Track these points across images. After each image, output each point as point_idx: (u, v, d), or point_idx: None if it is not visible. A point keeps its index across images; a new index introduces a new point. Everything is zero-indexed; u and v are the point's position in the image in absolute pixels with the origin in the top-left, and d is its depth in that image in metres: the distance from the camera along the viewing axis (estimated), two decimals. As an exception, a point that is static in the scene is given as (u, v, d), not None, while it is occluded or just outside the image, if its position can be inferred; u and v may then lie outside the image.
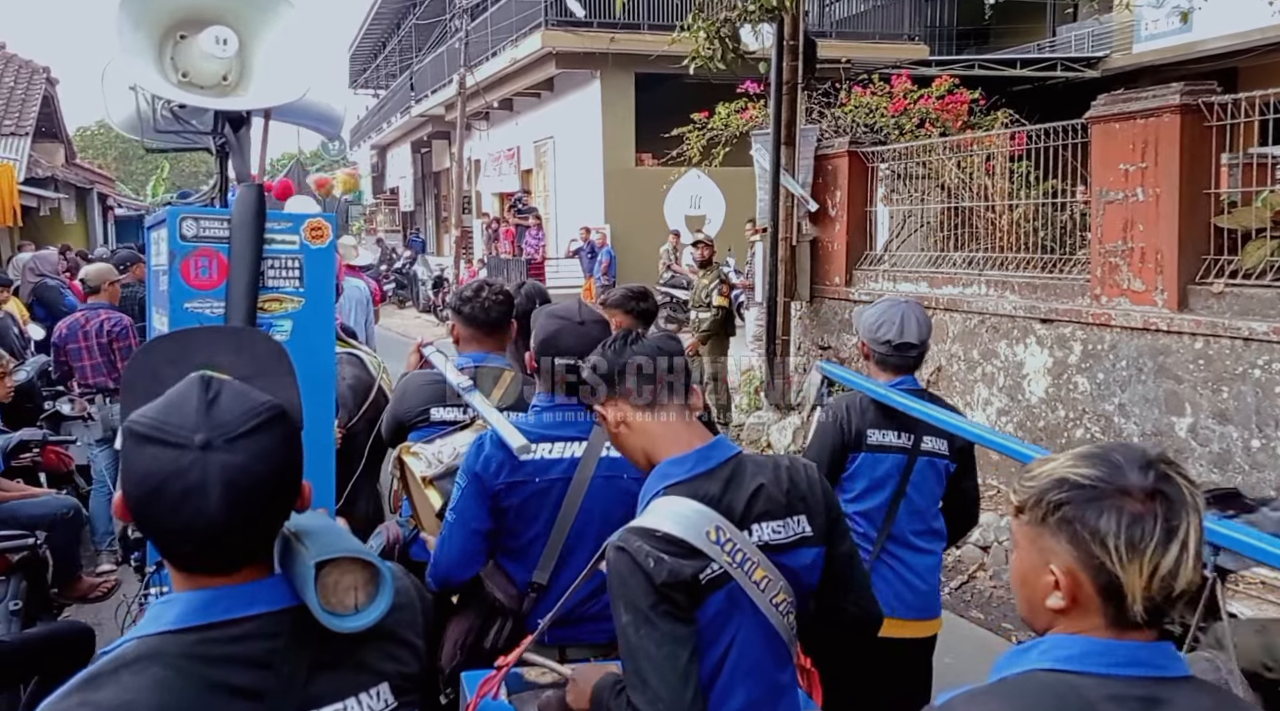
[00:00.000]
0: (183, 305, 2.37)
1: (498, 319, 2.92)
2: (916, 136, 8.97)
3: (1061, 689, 1.11)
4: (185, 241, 2.37)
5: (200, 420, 1.16)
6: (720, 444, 1.82)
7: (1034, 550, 1.19)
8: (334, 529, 1.34)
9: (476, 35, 21.08)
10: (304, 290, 2.49)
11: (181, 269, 2.37)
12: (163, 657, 1.16)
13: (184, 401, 1.19)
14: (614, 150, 18.25)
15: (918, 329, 2.85)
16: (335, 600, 1.23)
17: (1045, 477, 1.18)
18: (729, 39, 7.98)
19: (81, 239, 20.16)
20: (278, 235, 2.45)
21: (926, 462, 2.88)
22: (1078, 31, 18.35)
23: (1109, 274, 5.94)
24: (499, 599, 2.29)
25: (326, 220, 2.57)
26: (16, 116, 16.94)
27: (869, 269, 8.32)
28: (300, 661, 1.22)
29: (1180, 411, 5.45)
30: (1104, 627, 1.15)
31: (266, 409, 1.21)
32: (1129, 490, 1.12)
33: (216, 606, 1.19)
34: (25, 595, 3.72)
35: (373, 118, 36.81)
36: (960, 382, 7.12)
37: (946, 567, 5.86)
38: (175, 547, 1.18)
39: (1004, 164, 7.55)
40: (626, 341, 1.84)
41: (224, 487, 1.14)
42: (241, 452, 1.16)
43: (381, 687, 1.29)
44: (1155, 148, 5.60)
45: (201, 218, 2.40)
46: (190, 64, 2.55)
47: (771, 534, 1.76)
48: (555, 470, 2.26)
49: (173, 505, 1.14)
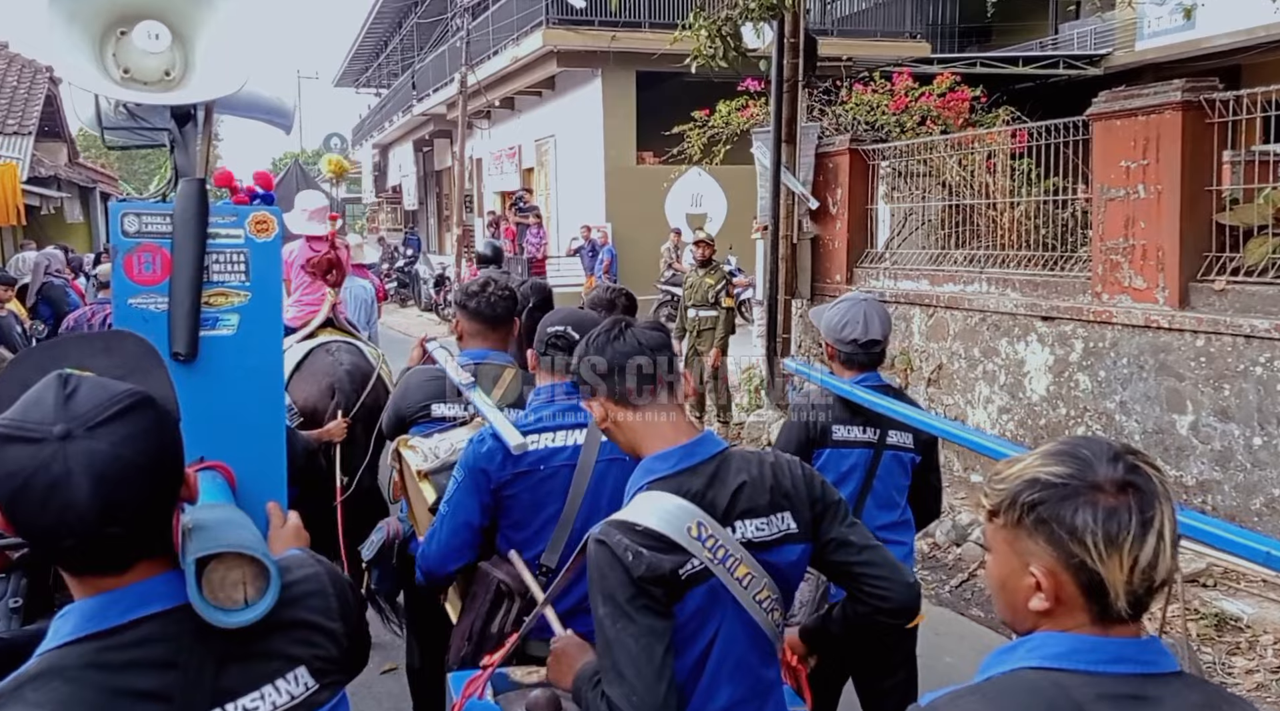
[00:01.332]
0: (126, 301, 2.34)
1: (502, 315, 2.95)
2: (918, 134, 8.95)
3: (1049, 688, 1.10)
4: (127, 237, 2.33)
5: (59, 413, 1.12)
6: (706, 439, 1.81)
7: (1011, 553, 1.17)
8: (230, 522, 1.31)
9: (478, 34, 21.08)
10: (250, 284, 2.45)
11: (125, 264, 2.32)
12: (64, 671, 1.13)
13: (41, 398, 1.14)
14: (615, 148, 18.24)
15: (880, 325, 2.93)
16: (223, 595, 1.21)
17: (1016, 479, 1.17)
18: (730, 37, 7.97)
19: (85, 238, 20.20)
20: (222, 229, 2.41)
21: (892, 456, 2.94)
22: (1080, 29, 18.30)
23: (1110, 271, 5.92)
24: (505, 582, 2.31)
25: (273, 214, 2.53)
26: (20, 116, 16.96)
27: (870, 267, 8.31)
28: (205, 657, 1.20)
29: (1182, 409, 5.44)
30: (1089, 625, 1.13)
31: (128, 395, 1.16)
32: (1100, 484, 1.12)
33: (111, 611, 1.17)
34: (26, 593, 3.71)
35: (375, 117, 36.81)
36: (961, 380, 7.11)
37: (946, 566, 5.86)
38: (55, 547, 1.12)
39: (1005, 161, 7.53)
40: (610, 338, 1.82)
41: (90, 477, 1.09)
42: (104, 439, 1.11)
43: (298, 672, 1.28)
44: (1157, 144, 5.58)
45: (144, 213, 2.36)
46: (130, 60, 2.51)
47: (755, 531, 1.75)
48: (559, 458, 2.30)
49: (40, 501, 1.09)
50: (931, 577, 5.68)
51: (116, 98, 2.56)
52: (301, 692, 1.27)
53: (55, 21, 2.38)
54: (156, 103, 2.56)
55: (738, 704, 1.75)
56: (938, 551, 6.05)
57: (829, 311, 2.99)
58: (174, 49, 2.55)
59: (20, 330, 7.49)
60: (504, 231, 19.47)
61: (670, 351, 1.85)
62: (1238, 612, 4.72)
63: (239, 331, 2.46)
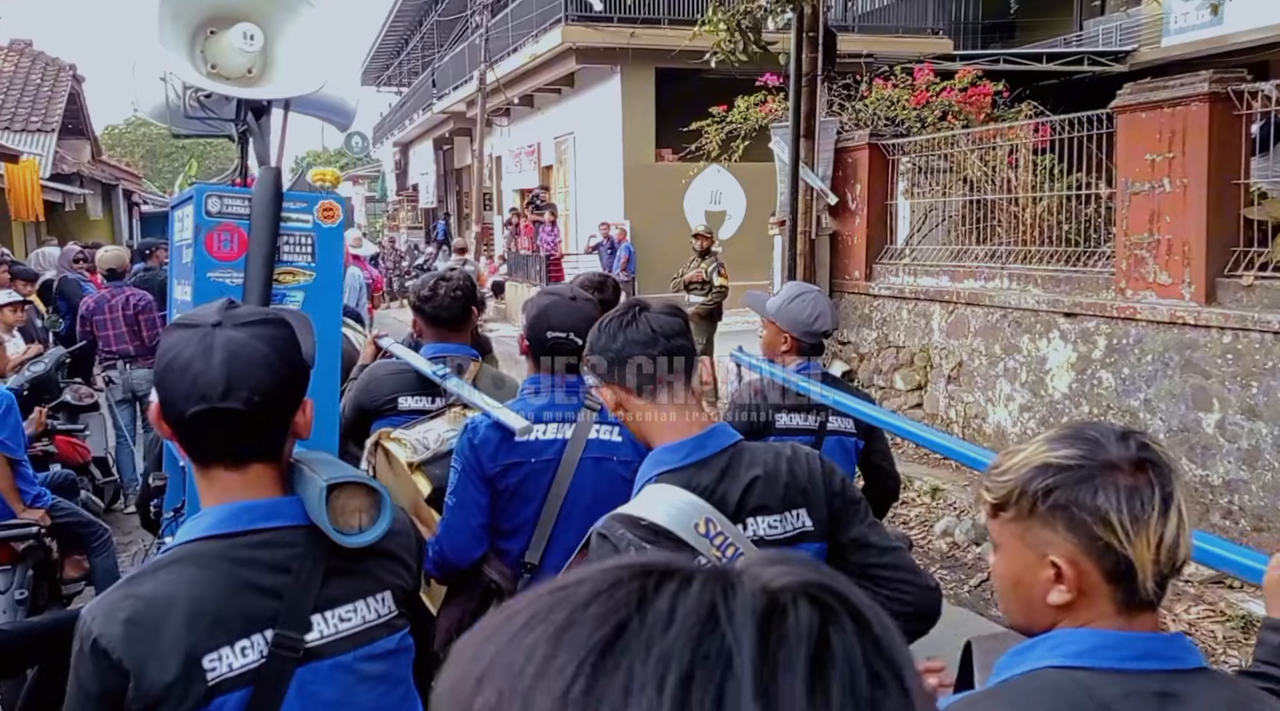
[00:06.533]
0: (205, 275, 2.58)
1: (459, 314, 2.94)
2: (939, 129, 8.85)
3: (1072, 689, 1.04)
4: (210, 217, 2.57)
5: (219, 314, 1.37)
6: (718, 431, 1.75)
7: (1024, 546, 1.11)
8: (340, 462, 1.54)
9: (497, 31, 21.07)
10: (315, 265, 2.69)
11: (206, 241, 2.57)
12: (197, 558, 1.33)
13: (211, 306, 1.41)
14: (634, 145, 18.16)
15: (834, 316, 3.10)
16: (343, 520, 1.40)
17: (1022, 468, 1.10)
18: (750, 31, 7.91)
19: (107, 234, 20.33)
20: (293, 214, 2.64)
21: (835, 441, 2.97)
22: (1105, 25, 18.08)
23: (1135, 267, 5.81)
24: (494, 579, 2.29)
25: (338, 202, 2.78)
26: (43, 113, 17.10)
27: (889, 263, 8.22)
28: (315, 568, 1.39)
29: (1208, 407, 5.33)
30: (1113, 614, 1.07)
31: (274, 313, 1.44)
32: (1116, 463, 1.05)
33: (242, 518, 1.36)
34: (31, 584, 3.71)
35: (395, 115, 36.91)
36: (981, 378, 7.01)
37: (966, 565, 5.77)
38: (186, 415, 1.32)
39: (1028, 157, 7.42)
40: (624, 322, 1.75)
41: (224, 354, 1.32)
42: (245, 332, 1.35)
43: (385, 595, 1.47)
44: (1183, 137, 5.47)
45: (225, 195, 2.60)
46: (219, 57, 2.82)
47: (767, 528, 1.70)
48: (549, 451, 2.28)
49: (182, 369, 1.32)
50: (951, 577, 5.59)
51: (211, 90, 2.84)
52: (386, 614, 1.46)
53: (163, 19, 2.67)
54: (248, 97, 2.83)
55: None
56: (957, 550, 5.96)
57: (791, 305, 3.00)
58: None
59: (39, 323, 7.54)
60: (523, 229, 19.48)
61: (687, 338, 1.79)
62: (1264, 613, 4.61)
63: (303, 307, 2.64)
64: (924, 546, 6.04)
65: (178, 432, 1.37)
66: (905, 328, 7.90)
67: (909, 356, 7.84)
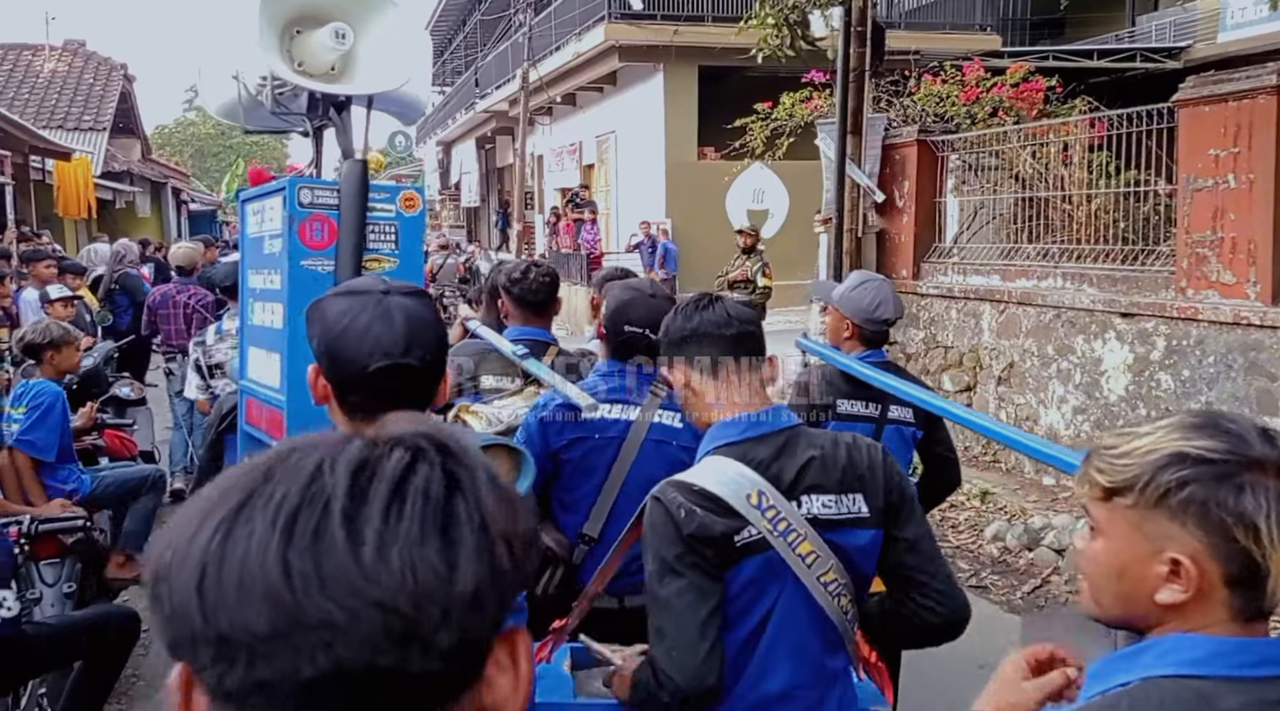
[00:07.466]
0: (299, 263, 2.70)
1: (544, 300, 3.09)
2: (989, 126, 8.67)
3: (1191, 700, 0.95)
4: (301, 207, 2.69)
5: (381, 283, 1.52)
6: (779, 412, 1.79)
7: (1138, 537, 1.01)
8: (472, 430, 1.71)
9: (540, 29, 21.10)
10: (398, 251, 2.80)
11: (299, 231, 2.68)
12: None
13: (364, 279, 1.56)
14: (676, 144, 18.09)
15: (898, 304, 3.13)
16: None
17: (1150, 453, 1.00)
18: (798, 25, 7.81)
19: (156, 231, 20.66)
20: (378, 204, 2.76)
21: (894, 430, 3.00)
22: (1159, 21, 17.69)
23: (1196, 265, 5.64)
24: (550, 547, 2.38)
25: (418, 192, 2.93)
26: (95, 112, 17.41)
27: (937, 262, 8.07)
28: None
29: (1274, 411, 5.14)
30: (1228, 621, 0.98)
31: (422, 288, 1.60)
32: (1263, 463, 0.96)
33: None
34: (80, 578, 3.72)
35: (438, 114, 37.16)
36: (1034, 379, 6.85)
37: (1018, 571, 5.62)
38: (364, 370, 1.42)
39: (1082, 153, 7.24)
40: (699, 307, 1.83)
41: (404, 315, 1.45)
42: (412, 300, 1.49)
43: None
44: (1249, 131, 5.29)
45: (315, 187, 2.72)
46: (305, 55, 2.97)
47: (821, 508, 1.70)
48: (614, 429, 2.41)
49: (362, 332, 1.43)
50: (1002, 582, 5.46)
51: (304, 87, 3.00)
52: None
53: (263, 21, 2.82)
54: (338, 92, 2.99)
55: (796, 688, 1.69)
56: (1009, 555, 5.81)
57: (853, 292, 3.07)
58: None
59: (89, 318, 7.64)
60: (564, 228, 19.48)
61: (758, 327, 1.86)
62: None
63: None
64: (974, 551, 5.91)
65: (348, 390, 1.46)
66: (954, 327, 7.75)
67: (958, 357, 7.68)
